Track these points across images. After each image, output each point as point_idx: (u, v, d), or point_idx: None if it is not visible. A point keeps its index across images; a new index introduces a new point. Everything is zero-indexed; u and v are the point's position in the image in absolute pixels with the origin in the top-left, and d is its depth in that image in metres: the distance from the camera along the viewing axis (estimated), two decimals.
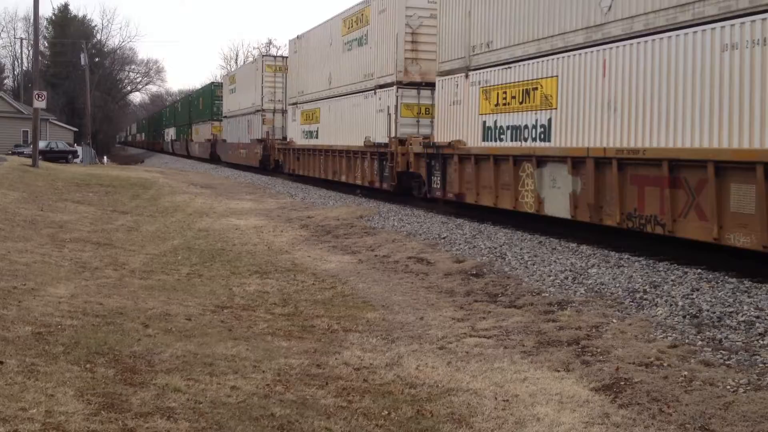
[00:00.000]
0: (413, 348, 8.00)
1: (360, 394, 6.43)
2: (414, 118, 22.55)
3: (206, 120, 60.13)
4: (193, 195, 27.70)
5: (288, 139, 35.37)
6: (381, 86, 23.65)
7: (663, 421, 5.82)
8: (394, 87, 22.55)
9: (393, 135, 22.38)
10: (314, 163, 30.98)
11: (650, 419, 5.87)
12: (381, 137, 23.30)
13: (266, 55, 43.95)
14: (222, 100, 54.94)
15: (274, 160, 38.38)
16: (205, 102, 61.45)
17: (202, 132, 62.72)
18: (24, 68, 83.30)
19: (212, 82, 68.25)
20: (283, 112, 38.94)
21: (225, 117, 52.50)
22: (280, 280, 11.92)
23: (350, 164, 26.64)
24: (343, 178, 27.34)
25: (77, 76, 77.05)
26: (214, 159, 57.10)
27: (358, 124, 25.57)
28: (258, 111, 41.36)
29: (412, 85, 22.44)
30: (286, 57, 39.10)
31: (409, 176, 22.12)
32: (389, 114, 22.65)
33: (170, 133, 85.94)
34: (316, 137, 30.70)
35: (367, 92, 24.80)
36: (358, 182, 25.93)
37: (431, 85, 21.15)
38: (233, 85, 50.15)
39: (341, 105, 27.69)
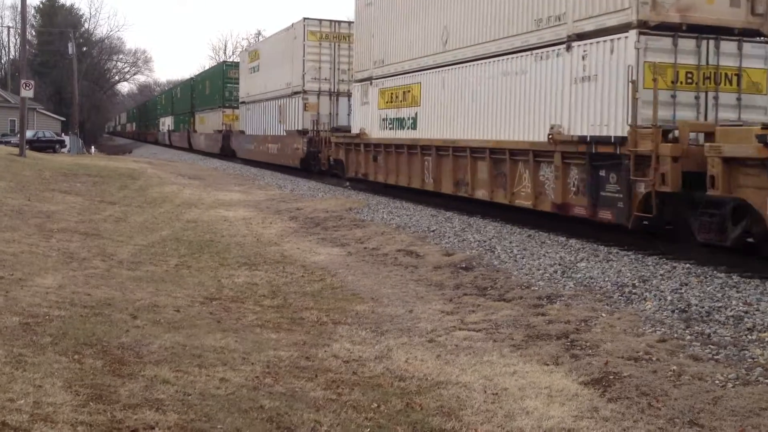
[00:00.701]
0: (402, 341, 7.99)
1: (349, 387, 6.42)
2: (669, 91, 12.66)
3: (215, 107, 51.29)
4: (182, 186, 27.58)
5: (360, 130, 24.67)
6: (584, 36, 13.82)
7: (652, 415, 5.84)
8: (632, 33, 12.56)
9: (634, 121, 12.39)
10: (408, 166, 21.17)
11: (639, 413, 5.88)
12: (587, 126, 13.70)
13: (309, 19, 31.35)
14: (237, 83, 46.12)
15: (327, 159, 28.54)
16: (213, 86, 52.44)
17: (209, 121, 53.74)
18: (11, 57, 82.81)
19: (223, 62, 59.11)
20: (332, 94, 30.99)
21: (243, 103, 43.42)
22: (269, 271, 11.89)
23: (501, 173, 16.59)
24: (482, 195, 17.44)
25: (65, 65, 76.61)
26: (226, 154, 47.58)
27: (519, 104, 15.93)
28: (296, 93, 31.94)
29: (665, 29, 12.61)
30: (338, 21, 31.46)
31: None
32: (624, 84, 12.58)
33: (166, 122, 77.49)
34: (411, 127, 21.24)
35: (542, 50, 15.09)
36: (527, 204, 15.64)
37: (699, 31, 12.75)
38: (255, 63, 40.54)
39: (473, 75, 17.77)
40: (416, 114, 20.83)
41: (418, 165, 20.54)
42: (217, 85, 50.84)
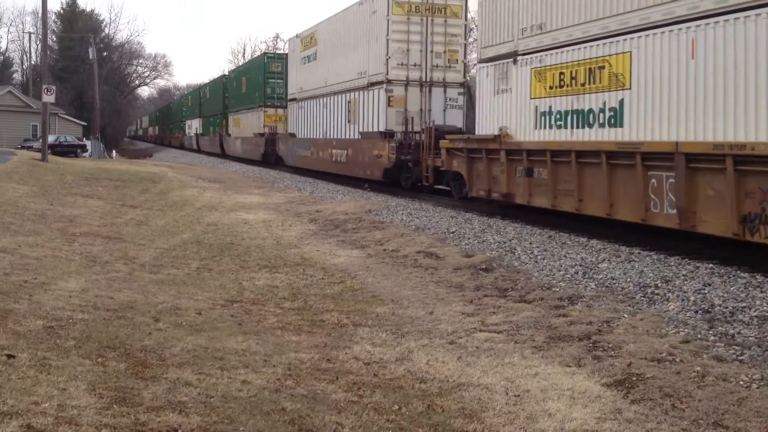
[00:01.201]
0: (423, 342, 7.98)
1: (371, 389, 6.42)
2: None
3: (254, 107, 44.23)
4: (202, 189, 27.72)
5: (499, 130, 17.03)
6: None
7: (676, 416, 5.80)
8: None
9: None
10: (608, 184, 13.63)
11: (663, 415, 5.84)
12: None
13: None
14: (281, 78, 40.46)
15: (430, 171, 21.47)
16: (251, 82, 45.43)
17: (246, 123, 46.84)
18: (32, 62, 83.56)
19: (264, 53, 50.98)
20: (424, 84, 23.82)
21: (293, 100, 36.17)
22: (289, 274, 11.92)
23: None
24: None
25: (85, 70, 77.19)
26: (270, 161, 41.37)
27: None
28: (376, 84, 24.79)
29: None
30: None
31: None
32: None
33: (193, 125, 71.30)
34: (611, 124, 13.74)
35: None
36: None
37: None
38: (311, 50, 33.16)
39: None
40: (622, 102, 13.38)
41: (633, 184, 12.97)
42: (257, 81, 43.63)
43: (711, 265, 11.09)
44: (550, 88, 15.57)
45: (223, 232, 16.55)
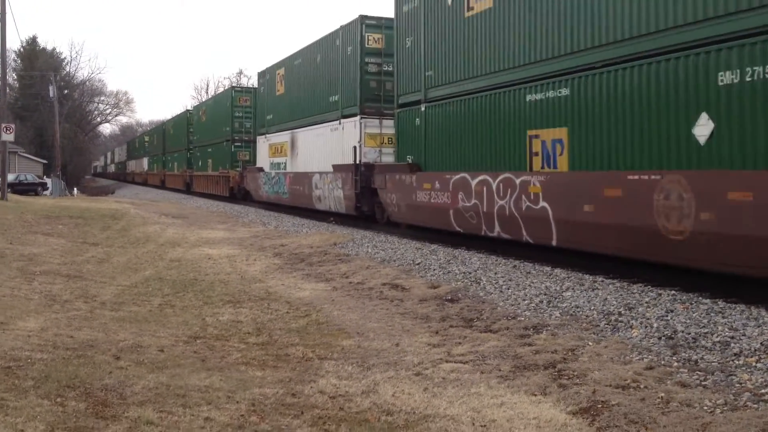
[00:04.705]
0: (389, 375, 7.92)
1: (336, 423, 6.34)
2: None
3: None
4: (165, 225, 27.46)
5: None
6: None
7: None
8: None
9: None
10: None
11: None
12: None
13: None
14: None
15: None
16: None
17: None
18: None
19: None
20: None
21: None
22: (253, 309, 11.80)
23: None
24: None
25: (46, 108, 76.55)
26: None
27: None
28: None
29: None
30: None
31: None
32: None
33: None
34: None
35: None
36: None
37: None
38: None
39: None
40: None
41: None
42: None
43: (673, 292, 11.21)
44: None
45: (187, 267, 16.37)
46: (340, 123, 25.83)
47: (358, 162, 23.92)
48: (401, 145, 21.32)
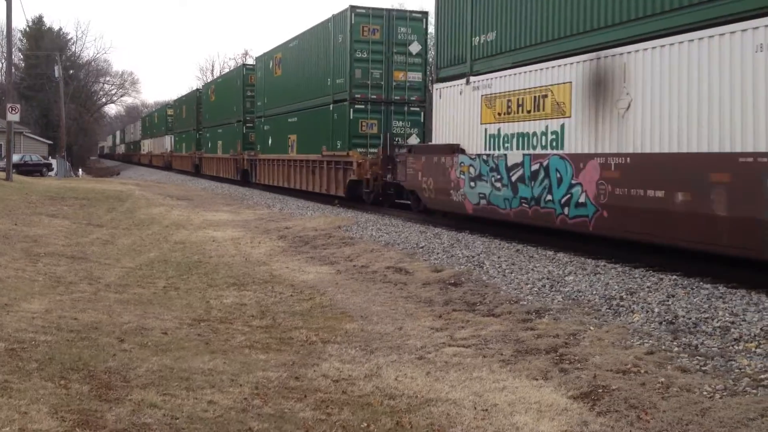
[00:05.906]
0: (392, 359, 7.97)
1: (339, 407, 6.39)
2: None
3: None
4: (170, 207, 27.51)
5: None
6: None
7: (641, 428, 5.84)
8: None
9: None
10: None
11: (628, 426, 5.88)
12: None
13: None
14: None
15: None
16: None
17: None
18: None
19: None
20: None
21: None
22: (257, 292, 11.85)
23: None
24: None
25: (51, 89, 76.51)
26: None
27: None
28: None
29: None
30: None
31: None
32: None
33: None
34: None
35: None
36: None
37: None
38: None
39: None
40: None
41: None
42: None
43: (674, 277, 11.23)
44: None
45: (191, 250, 16.43)
46: None
47: None
48: None
